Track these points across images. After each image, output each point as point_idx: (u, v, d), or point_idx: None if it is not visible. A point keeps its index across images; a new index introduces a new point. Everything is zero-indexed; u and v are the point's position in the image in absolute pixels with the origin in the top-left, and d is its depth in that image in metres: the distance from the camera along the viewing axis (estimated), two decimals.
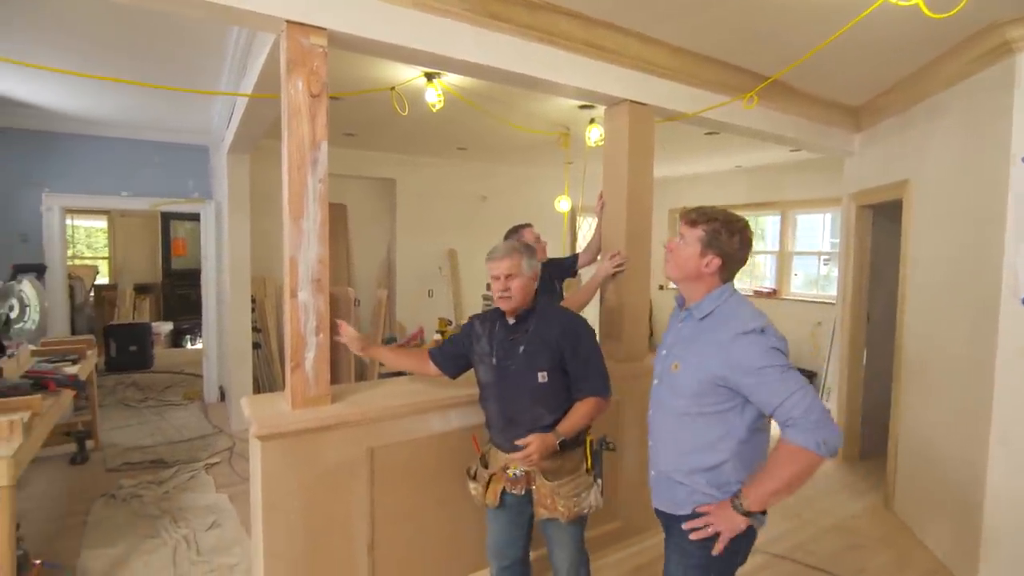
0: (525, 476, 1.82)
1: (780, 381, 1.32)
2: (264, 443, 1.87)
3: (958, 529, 2.71)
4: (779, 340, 1.39)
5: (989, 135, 2.54)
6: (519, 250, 1.85)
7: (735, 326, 1.41)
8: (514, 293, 1.83)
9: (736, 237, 1.48)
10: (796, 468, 1.31)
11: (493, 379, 1.90)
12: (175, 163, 5.04)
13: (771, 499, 1.37)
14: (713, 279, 1.50)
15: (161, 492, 3.42)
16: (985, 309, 2.54)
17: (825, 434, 1.27)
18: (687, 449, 1.50)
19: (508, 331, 1.90)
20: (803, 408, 1.29)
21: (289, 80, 1.89)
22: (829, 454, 1.28)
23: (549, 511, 1.81)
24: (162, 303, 8.92)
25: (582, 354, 1.83)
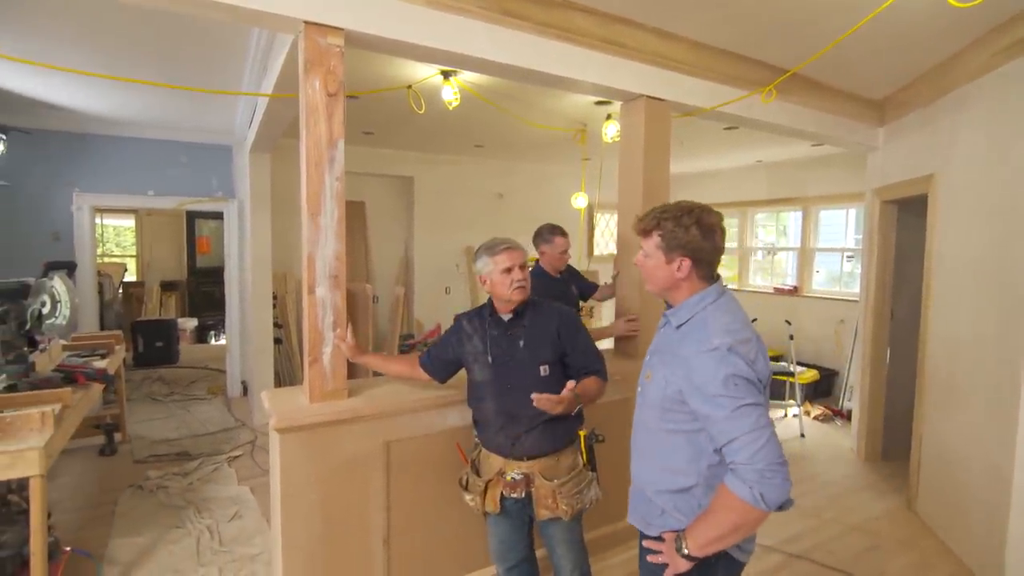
0: (524, 479, 1.80)
1: (729, 418, 1.17)
2: (282, 436, 1.92)
3: (983, 532, 2.65)
4: (747, 365, 1.20)
5: (1016, 128, 2.47)
6: (516, 250, 1.86)
7: (702, 340, 1.26)
8: (528, 283, 1.85)
9: (692, 229, 1.31)
10: (734, 518, 1.17)
11: (490, 377, 1.87)
12: (200, 163, 5.15)
13: (711, 546, 1.23)
14: (692, 282, 1.35)
15: (186, 484, 3.52)
16: (1013, 306, 2.47)
17: (765, 488, 1.12)
18: (657, 467, 1.39)
19: (504, 327, 1.88)
20: (747, 455, 1.14)
21: (307, 79, 1.93)
22: (769, 509, 1.14)
23: (551, 511, 1.79)
24: (187, 300, 9.12)
25: (581, 342, 1.88)
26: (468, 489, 1.94)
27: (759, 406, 1.18)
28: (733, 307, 1.34)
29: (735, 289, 7.09)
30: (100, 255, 8.77)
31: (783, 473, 1.14)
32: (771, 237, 7.25)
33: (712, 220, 1.34)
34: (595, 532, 2.69)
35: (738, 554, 1.35)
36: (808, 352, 5.94)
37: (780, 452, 1.15)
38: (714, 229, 1.33)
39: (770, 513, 1.16)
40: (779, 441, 1.17)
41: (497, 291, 1.85)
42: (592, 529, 2.66)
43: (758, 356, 1.24)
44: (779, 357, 5.71)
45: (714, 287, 1.36)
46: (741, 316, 1.33)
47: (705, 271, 1.35)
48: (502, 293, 1.83)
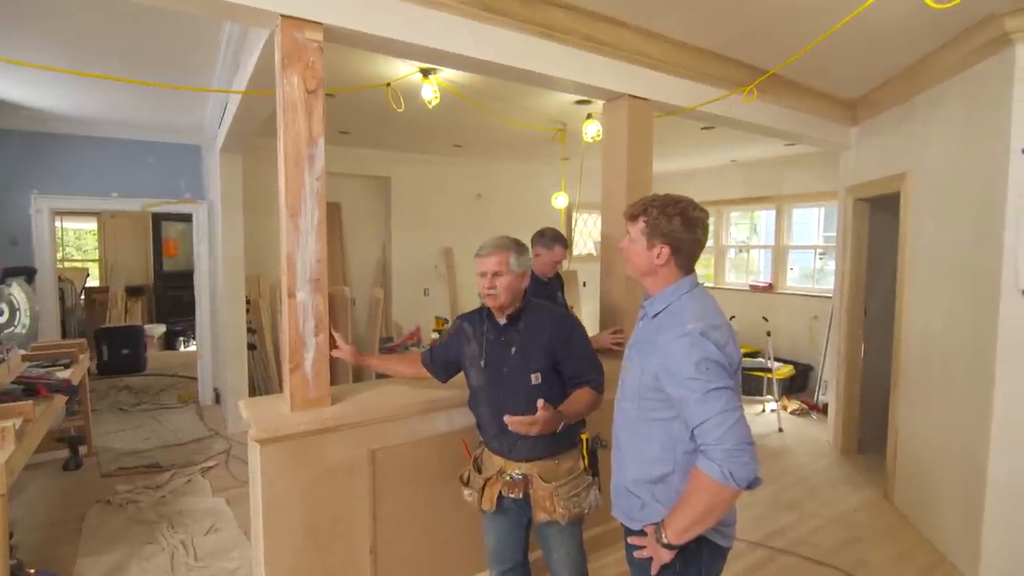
0: (523, 480, 1.78)
1: (700, 401, 1.21)
2: (263, 446, 1.84)
3: (959, 521, 2.72)
4: (718, 350, 1.24)
5: (988, 126, 2.54)
6: (507, 247, 1.80)
7: (676, 325, 1.30)
8: (500, 291, 1.76)
9: (676, 220, 1.35)
10: (707, 498, 1.20)
11: (484, 382, 1.84)
12: (167, 163, 4.97)
13: (688, 532, 1.25)
14: (669, 271, 1.39)
15: (157, 497, 3.38)
16: (985, 300, 2.54)
17: (733, 466, 1.16)
18: (635, 458, 1.42)
19: (498, 332, 1.84)
20: (716, 436, 1.18)
21: (284, 76, 1.86)
22: (739, 486, 1.17)
23: (548, 513, 1.76)
24: (154, 305, 8.83)
25: (575, 349, 1.79)
26: (468, 484, 1.91)
27: (728, 389, 1.22)
28: (705, 298, 1.39)
29: (711, 287, 7.19)
30: (60, 260, 8.42)
31: (750, 452, 1.18)
32: (743, 235, 7.38)
33: (697, 214, 1.39)
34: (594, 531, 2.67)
35: (719, 539, 1.37)
36: (783, 348, 6.06)
37: (747, 433, 1.20)
38: (697, 223, 1.38)
39: (740, 492, 1.20)
40: (747, 423, 1.22)
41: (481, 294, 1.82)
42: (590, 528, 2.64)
43: (729, 341, 1.29)
44: (756, 353, 5.80)
45: (688, 279, 1.40)
46: (713, 306, 1.37)
47: (683, 261, 1.39)
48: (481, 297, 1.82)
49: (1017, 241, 2.38)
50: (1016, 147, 2.36)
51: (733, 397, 1.22)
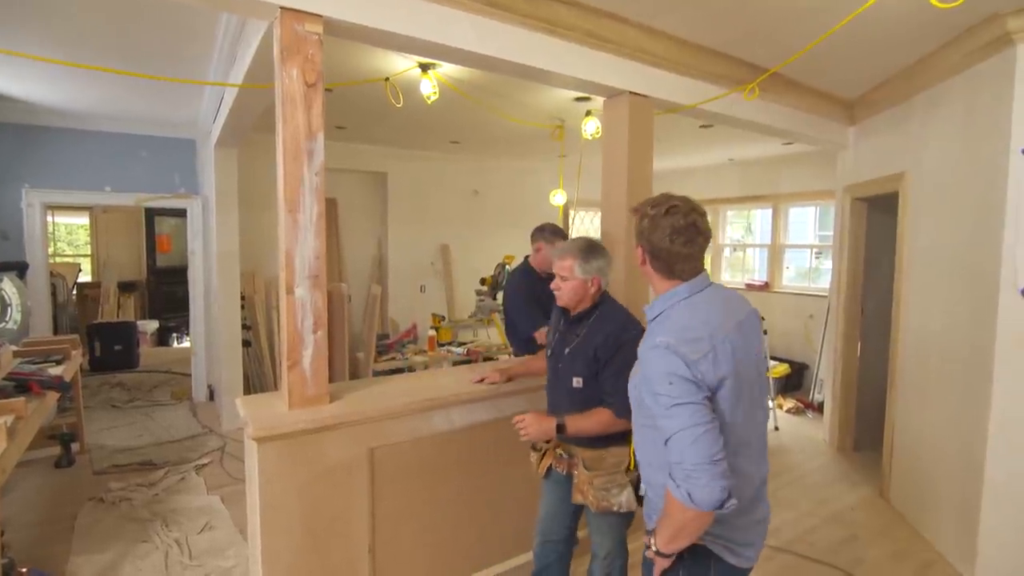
0: (568, 460, 1.89)
1: (664, 416, 1.18)
2: (261, 445, 1.82)
3: (956, 519, 2.73)
4: (684, 365, 1.18)
5: (988, 126, 2.54)
6: (574, 253, 1.85)
7: (653, 337, 1.26)
8: (563, 293, 1.88)
9: (645, 221, 1.31)
10: (676, 517, 1.17)
11: (548, 367, 2.01)
12: (160, 157, 4.92)
13: (672, 544, 1.23)
14: (658, 277, 1.35)
15: (151, 494, 3.34)
16: (984, 300, 2.54)
17: (691, 487, 1.12)
18: (644, 463, 1.40)
19: (566, 328, 1.95)
20: (676, 455, 1.15)
21: (283, 68, 1.83)
22: (700, 508, 1.12)
23: (582, 496, 1.85)
24: (147, 301, 8.75)
25: (612, 369, 1.79)
26: (535, 448, 2.04)
27: (693, 404, 1.16)
28: (701, 307, 1.30)
29: None
30: (52, 255, 8.32)
31: (710, 472, 1.11)
32: (738, 234, 7.40)
33: (674, 221, 1.29)
34: None
35: (730, 557, 1.32)
36: (779, 346, 6.07)
37: (709, 452, 1.13)
38: (673, 230, 1.29)
39: (710, 513, 1.14)
40: (714, 439, 1.15)
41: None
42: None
43: (705, 357, 1.21)
44: None
45: (686, 285, 1.33)
46: (705, 316, 1.28)
47: (662, 267, 1.33)
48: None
49: (1016, 241, 2.39)
50: (1016, 147, 2.36)
51: (698, 411, 1.16)
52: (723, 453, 1.14)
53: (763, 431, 1.39)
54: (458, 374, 2.53)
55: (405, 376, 2.77)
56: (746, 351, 1.30)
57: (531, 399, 2.41)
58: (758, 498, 1.37)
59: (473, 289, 5.78)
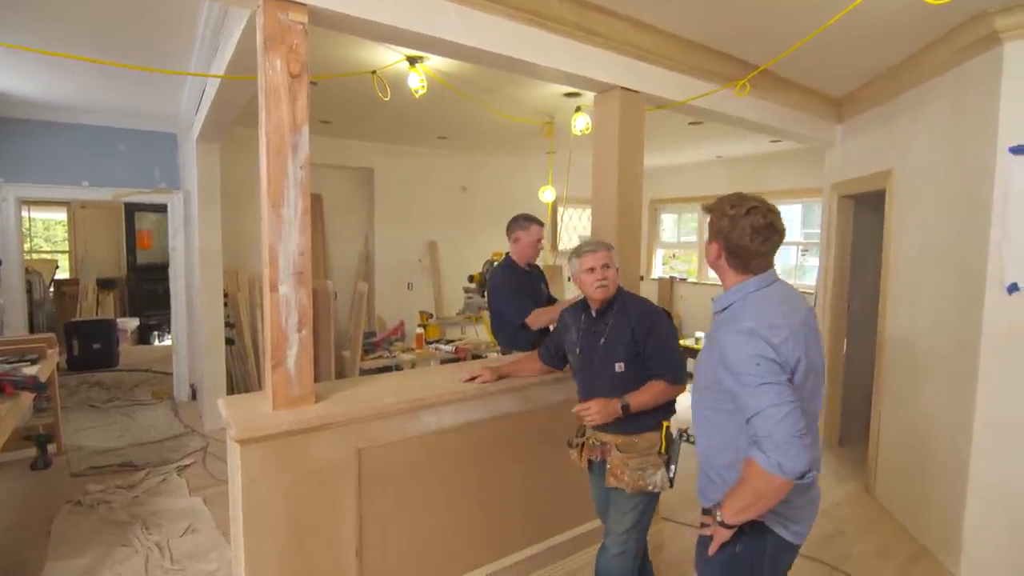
0: (601, 447, 2.01)
1: (752, 395, 1.27)
2: (244, 447, 1.76)
3: (941, 514, 2.76)
4: (770, 347, 1.29)
5: (976, 124, 2.56)
6: (608, 244, 2.05)
7: (735, 322, 1.36)
8: (610, 282, 1.99)
9: (725, 220, 1.41)
10: (758, 485, 1.26)
11: (579, 365, 2.09)
12: (141, 151, 4.80)
13: (741, 515, 1.32)
14: (731, 272, 1.45)
15: (131, 497, 3.26)
16: (970, 297, 2.57)
17: (782, 457, 1.21)
18: (709, 446, 1.49)
19: (592, 323, 2.06)
20: (767, 428, 1.23)
21: (267, 59, 1.77)
22: (787, 477, 1.21)
23: (617, 479, 1.95)
24: (127, 298, 8.58)
25: (655, 341, 1.95)
26: (571, 446, 2.15)
27: (779, 384, 1.26)
28: (773, 299, 1.40)
29: (694, 282, 7.23)
30: (28, 251, 8.12)
31: (800, 444, 1.21)
32: None
33: (751, 220, 1.40)
34: (589, 526, 2.65)
35: (785, 533, 1.41)
36: None
37: (799, 426, 1.23)
38: (750, 229, 1.39)
39: (791, 482, 1.23)
40: (799, 416, 1.25)
41: (583, 289, 2.04)
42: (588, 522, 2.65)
43: (786, 341, 1.31)
44: None
45: (756, 279, 1.43)
46: (778, 307, 1.38)
47: (736, 263, 1.43)
48: (586, 291, 2.03)
49: (1003, 238, 2.40)
50: (1003, 145, 2.38)
51: (784, 391, 1.26)
52: (806, 429, 1.24)
53: (817, 418, 1.47)
54: (447, 372, 2.49)
55: (393, 375, 2.72)
56: (814, 343, 1.41)
57: (522, 398, 2.39)
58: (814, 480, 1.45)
59: (461, 286, 5.73)
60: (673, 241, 7.91)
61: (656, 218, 7.88)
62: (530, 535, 2.51)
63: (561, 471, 2.57)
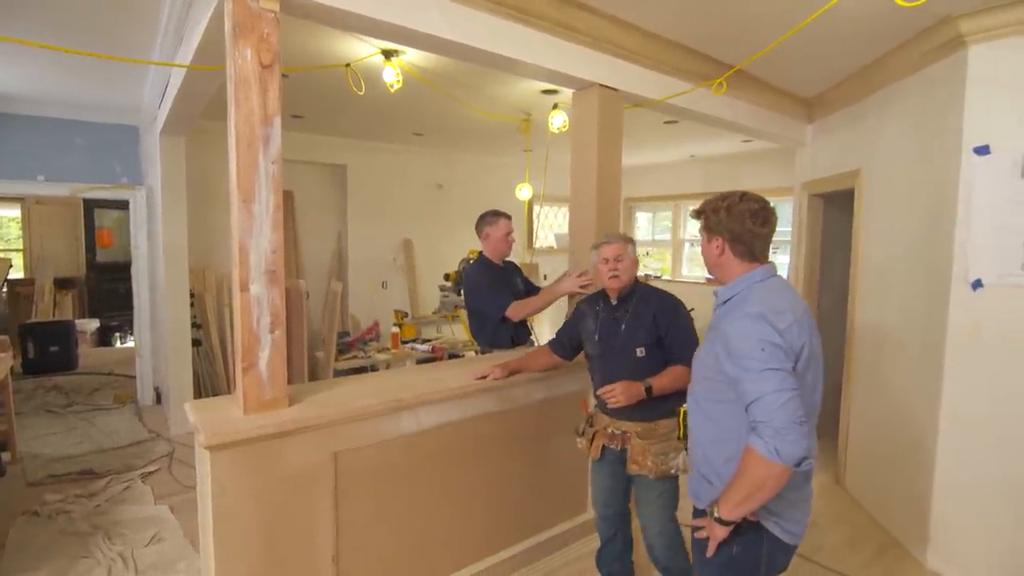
0: (622, 435, 2.08)
1: (754, 380, 1.27)
2: (214, 453, 1.69)
3: (909, 505, 2.83)
4: (776, 332, 1.29)
5: (941, 126, 2.63)
6: (624, 238, 2.14)
7: (740, 308, 1.38)
8: (622, 272, 2.08)
9: (722, 212, 1.46)
10: (757, 473, 1.25)
11: (598, 353, 2.15)
12: (100, 145, 4.59)
13: (739, 508, 1.31)
14: (734, 262, 1.47)
15: (92, 506, 3.12)
16: (936, 294, 2.64)
17: (780, 443, 1.21)
18: (704, 440, 1.49)
19: (611, 311, 2.14)
20: (767, 414, 1.23)
21: (236, 48, 1.70)
22: (786, 464, 1.21)
23: (639, 466, 2.02)
24: (87, 298, 8.23)
25: (675, 329, 2.06)
26: (581, 435, 2.22)
27: (782, 371, 1.27)
28: (777, 288, 1.43)
29: (668, 280, 7.32)
30: None
31: (798, 431, 1.22)
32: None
33: (745, 205, 1.45)
34: (572, 523, 2.64)
35: (780, 533, 1.41)
36: None
37: (798, 413, 1.24)
38: (747, 215, 1.43)
39: (789, 469, 1.23)
40: (799, 403, 1.25)
41: (599, 278, 2.16)
42: (569, 519, 2.65)
43: (791, 327, 1.32)
44: None
45: (762, 269, 1.45)
46: (783, 295, 1.41)
47: (743, 251, 1.45)
48: (602, 280, 2.13)
49: (967, 237, 2.48)
50: (968, 146, 2.45)
51: (787, 378, 1.26)
52: (805, 417, 1.25)
53: (817, 411, 1.48)
54: (425, 372, 2.45)
55: (369, 376, 2.67)
56: (813, 334, 1.42)
57: (501, 397, 2.36)
58: (809, 475, 1.46)
59: (437, 285, 5.67)
60: (648, 239, 7.98)
61: (631, 216, 7.94)
62: (512, 534, 2.49)
63: (542, 469, 2.56)
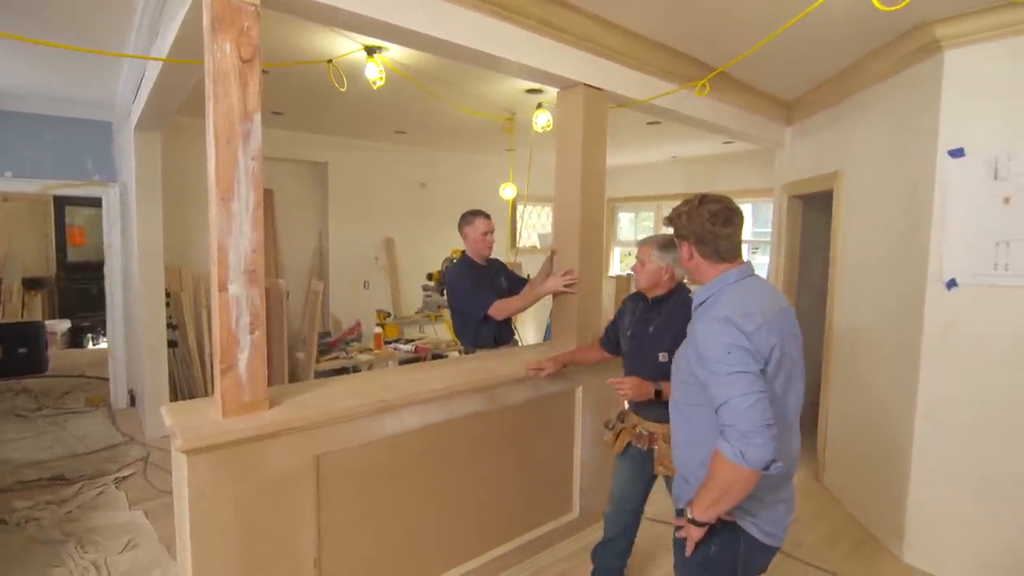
0: (649, 436, 2.10)
1: (721, 384, 1.28)
2: (191, 457, 1.64)
3: (886, 501, 2.89)
4: (743, 336, 1.30)
5: (917, 129, 2.69)
6: (649, 243, 2.13)
7: (709, 312, 1.39)
8: (640, 276, 2.12)
9: (683, 217, 1.50)
10: (723, 476, 1.26)
11: (628, 350, 2.21)
12: (71, 141, 4.46)
13: (711, 510, 1.32)
14: (704, 264, 1.49)
15: (63, 513, 3.02)
16: (912, 292, 2.69)
17: (745, 447, 1.21)
18: (682, 442, 1.50)
19: (645, 311, 2.17)
20: (733, 417, 1.24)
21: (215, 42, 1.65)
22: (751, 467, 1.22)
23: (665, 468, 2.03)
24: (57, 298, 8.00)
25: None
26: (610, 428, 2.28)
27: (750, 374, 1.27)
28: (751, 289, 1.43)
29: None
30: None
31: (765, 435, 1.22)
32: None
33: (707, 207, 1.47)
34: (553, 525, 2.63)
35: (757, 533, 1.41)
36: None
37: (766, 416, 1.24)
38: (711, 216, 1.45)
39: (756, 473, 1.24)
40: (767, 406, 1.26)
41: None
42: (549, 522, 2.62)
43: (759, 329, 1.32)
44: None
45: (736, 270, 1.46)
46: (756, 296, 1.41)
47: (709, 252, 1.47)
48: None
49: (943, 238, 2.53)
50: (943, 148, 2.51)
51: (755, 381, 1.26)
52: (774, 420, 1.25)
53: (797, 413, 1.48)
54: (408, 373, 2.42)
55: (352, 376, 2.63)
56: (789, 334, 1.42)
57: (487, 397, 2.34)
58: (788, 478, 1.47)
59: (420, 284, 5.63)
60: (630, 239, 8.03)
61: (613, 217, 7.99)
62: (498, 535, 2.47)
63: (527, 470, 2.55)
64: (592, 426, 2.76)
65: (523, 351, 3.00)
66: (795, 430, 1.49)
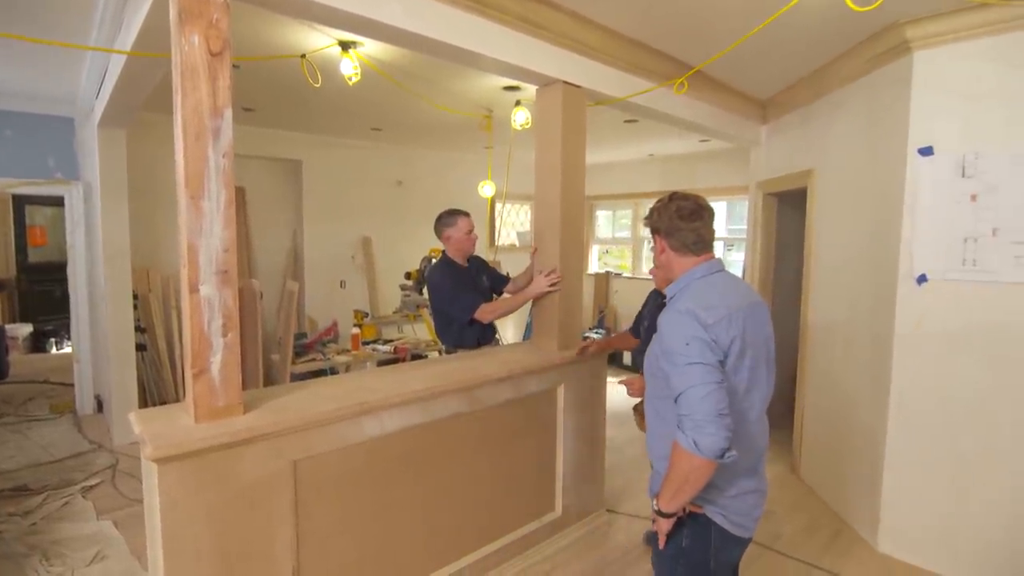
0: None
1: (679, 375, 1.31)
2: (162, 466, 1.58)
3: (861, 492, 2.95)
4: (702, 328, 1.33)
5: (888, 128, 2.74)
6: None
7: (675, 304, 1.43)
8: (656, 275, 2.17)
9: (654, 214, 1.55)
10: (682, 466, 1.29)
11: (644, 340, 2.34)
12: (31, 137, 4.28)
13: (673, 501, 1.34)
14: (674, 258, 1.52)
15: (27, 525, 2.90)
16: (884, 289, 2.75)
17: (698, 436, 1.24)
18: (653, 435, 1.53)
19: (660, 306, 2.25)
20: (688, 407, 1.27)
21: (183, 34, 1.59)
22: (704, 455, 1.24)
23: None
24: (17, 302, 7.68)
25: None
26: (636, 412, 2.50)
27: (708, 365, 1.30)
28: (719, 285, 1.45)
29: (628, 277, 7.42)
30: None
31: (718, 424, 1.24)
32: None
33: (676, 203, 1.52)
34: (537, 524, 2.61)
35: (727, 525, 1.42)
36: None
37: (718, 407, 1.26)
38: (680, 212, 1.49)
39: (712, 462, 1.26)
40: (722, 396, 1.28)
41: None
42: (532, 522, 2.59)
43: (720, 322, 1.35)
44: None
45: (703, 265, 1.49)
46: (721, 291, 1.43)
47: (676, 245, 1.50)
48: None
49: (913, 235, 2.59)
50: (913, 147, 2.56)
51: (711, 372, 1.28)
52: (728, 410, 1.27)
53: (763, 407, 1.49)
54: (388, 374, 2.38)
55: (329, 379, 2.57)
56: (756, 328, 1.43)
57: (467, 398, 2.32)
58: (754, 469, 1.48)
59: (398, 284, 5.56)
60: (608, 237, 8.07)
61: (591, 214, 8.01)
62: (481, 536, 2.45)
63: (509, 470, 2.53)
64: (574, 424, 2.76)
65: (503, 351, 2.98)
66: (763, 422, 1.51)
